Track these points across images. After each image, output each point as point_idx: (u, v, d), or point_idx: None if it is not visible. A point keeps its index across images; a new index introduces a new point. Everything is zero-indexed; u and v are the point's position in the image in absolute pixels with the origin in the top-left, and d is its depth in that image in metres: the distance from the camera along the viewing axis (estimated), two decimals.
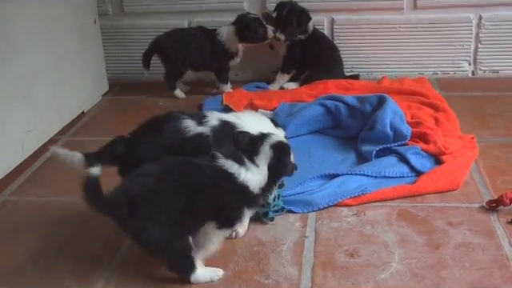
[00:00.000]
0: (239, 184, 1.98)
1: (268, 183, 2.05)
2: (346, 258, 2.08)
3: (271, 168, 2.04)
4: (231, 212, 2.00)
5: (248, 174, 2.00)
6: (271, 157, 2.04)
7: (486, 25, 3.78)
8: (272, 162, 2.04)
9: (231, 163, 2.00)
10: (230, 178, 1.98)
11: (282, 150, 2.09)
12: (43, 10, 3.13)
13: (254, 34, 3.67)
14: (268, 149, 2.05)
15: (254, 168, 2.02)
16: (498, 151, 2.81)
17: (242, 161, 2.01)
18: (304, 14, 3.71)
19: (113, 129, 3.34)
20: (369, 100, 3.00)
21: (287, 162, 2.11)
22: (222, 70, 3.80)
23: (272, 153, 2.05)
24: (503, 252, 2.06)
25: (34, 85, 3.03)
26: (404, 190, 2.47)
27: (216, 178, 1.97)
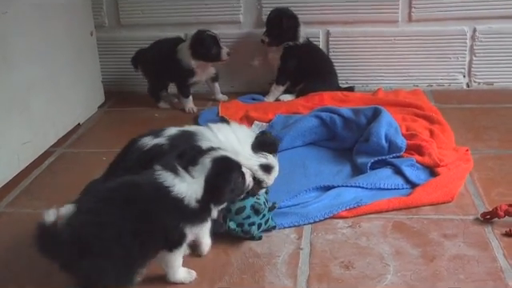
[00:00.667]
0: (173, 197, 1.91)
1: (206, 197, 1.95)
2: (342, 270, 2.08)
3: (208, 182, 1.95)
4: (171, 231, 1.93)
5: (182, 185, 1.93)
6: (209, 170, 1.95)
7: (480, 37, 3.81)
8: (209, 176, 1.95)
9: (167, 174, 1.94)
10: (166, 191, 1.91)
11: (224, 165, 2.00)
12: (39, 23, 3.14)
13: (207, 51, 3.60)
14: (208, 162, 1.97)
15: (189, 178, 1.95)
16: (492, 163, 2.81)
17: (176, 171, 1.95)
18: (290, 17, 3.69)
19: (108, 141, 3.35)
20: (364, 112, 3.01)
21: (229, 178, 2.00)
22: (182, 85, 3.76)
23: (211, 166, 1.96)
24: (498, 264, 2.07)
25: (29, 96, 3.04)
26: (399, 201, 2.48)
27: (154, 192, 1.91)
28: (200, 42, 3.61)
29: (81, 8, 3.68)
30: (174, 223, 1.93)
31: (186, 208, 1.93)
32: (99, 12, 4.05)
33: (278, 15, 3.70)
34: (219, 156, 2.00)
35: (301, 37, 3.73)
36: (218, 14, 3.89)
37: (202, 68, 3.70)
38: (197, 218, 1.98)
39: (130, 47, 3.94)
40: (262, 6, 3.93)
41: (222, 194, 2.00)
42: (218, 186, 1.97)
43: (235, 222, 2.24)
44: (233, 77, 4.08)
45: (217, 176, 1.96)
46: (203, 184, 1.95)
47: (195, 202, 1.94)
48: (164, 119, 3.68)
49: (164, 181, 1.93)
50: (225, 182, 1.99)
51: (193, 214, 1.95)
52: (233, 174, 2.02)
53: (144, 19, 4.07)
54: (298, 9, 3.82)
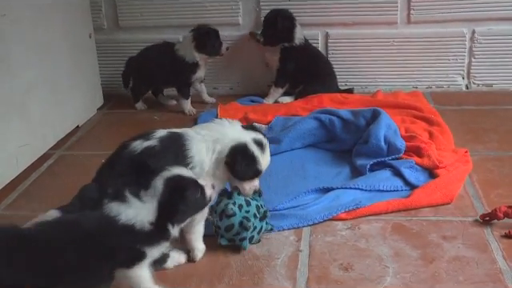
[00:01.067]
0: (123, 225, 1.87)
1: (161, 219, 1.91)
2: (341, 272, 2.08)
3: (162, 204, 1.90)
4: (126, 254, 1.89)
5: (130, 212, 1.89)
6: (161, 192, 1.90)
7: (479, 39, 3.81)
8: (162, 198, 1.90)
9: (113, 204, 1.90)
10: (113, 221, 1.88)
11: (177, 185, 1.93)
12: (38, 25, 3.14)
13: (210, 44, 3.67)
14: (159, 184, 1.91)
15: (138, 203, 1.90)
16: (491, 165, 2.82)
17: (123, 198, 1.91)
18: (285, 18, 3.69)
19: (107, 143, 3.33)
20: (363, 114, 3.01)
21: (183, 198, 1.93)
22: (184, 85, 3.78)
23: (162, 188, 1.91)
24: (497, 266, 2.07)
25: (28, 99, 3.04)
26: (398, 203, 2.48)
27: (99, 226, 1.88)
28: (205, 34, 3.66)
29: (79, 10, 3.68)
30: (130, 247, 1.89)
31: (140, 232, 1.89)
32: (98, 14, 4.06)
33: (273, 15, 3.71)
34: (171, 176, 1.95)
35: (298, 38, 3.72)
36: (216, 16, 3.89)
37: (203, 61, 3.74)
38: (154, 239, 1.92)
39: (128, 49, 3.94)
40: (260, 8, 3.93)
41: (177, 214, 1.94)
42: (172, 207, 1.92)
43: (226, 238, 2.23)
44: (231, 79, 4.08)
45: (170, 197, 1.91)
46: (156, 207, 1.90)
47: (149, 224, 1.89)
48: (163, 121, 3.68)
49: (109, 212, 1.89)
50: (179, 202, 1.93)
51: (149, 236, 1.90)
52: (187, 192, 1.94)
53: (143, 21, 4.07)
54: (297, 11, 3.82)
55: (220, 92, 4.02)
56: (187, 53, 3.68)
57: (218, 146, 2.20)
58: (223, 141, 2.20)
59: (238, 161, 2.19)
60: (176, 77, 3.76)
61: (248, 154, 2.21)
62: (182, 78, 3.76)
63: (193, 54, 3.68)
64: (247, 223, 2.19)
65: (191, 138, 2.21)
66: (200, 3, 3.98)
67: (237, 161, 2.18)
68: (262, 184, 2.47)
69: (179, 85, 3.79)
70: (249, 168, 2.22)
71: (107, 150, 2.34)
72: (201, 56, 3.70)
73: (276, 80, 3.82)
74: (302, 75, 3.77)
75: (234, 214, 2.20)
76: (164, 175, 1.94)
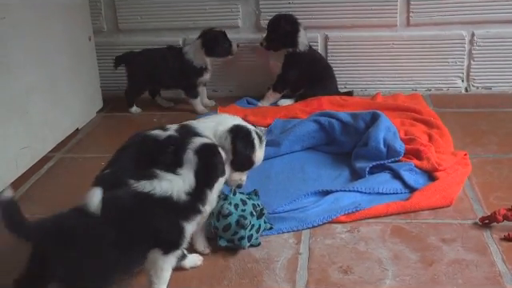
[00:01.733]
0: (159, 198, 1.92)
1: (198, 187, 1.98)
2: (340, 275, 2.08)
3: (199, 173, 1.99)
4: (168, 233, 1.94)
5: (164, 184, 1.95)
6: (196, 163, 2.00)
7: (478, 42, 3.81)
8: (198, 168, 1.99)
9: (144, 183, 1.95)
10: (148, 197, 1.92)
11: (207, 152, 2.03)
12: (38, 28, 3.14)
13: (221, 47, 3.68)
14: (192, 155, 2.00)
15: (171, 176, 1.97)
16: (491, 167, 2.82)
17: (154, 175, 1.97)
18: (288, 23, 3.68)
19: (107, 145, 3.32)
20: (362, 116, 3.01)
21: (215, 163, 2.04)
22: (190, 86, 3.79)
23: (197, 158, 2.00)
24: (496, 269, 2.07)
25: (28, 102, 3.04)
26: (397, 206, 2.48)
27: (137, 202, 1.92)
28: (213, 39, 3.68)
29: (79, 13, 3.68)
30: (170, 222, 1.94)
31: (177, 203, 1.94)
32: (98, 17, 4.06)
33: (277, 19, 3.71)
34: (198, 146, 2.03)
35: (301, 43, 3.70)
36: (216, 18, 3.89)
37: (211, 64, 3.76)
38: (191, 210, 1.98)
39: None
40: (260, 11, 3.93)
41: (214, 178, 2.04)
42: (208, 171, 2.01)
43: (225, 239, 2.24)
44: (231, 81, 4.09)
45: (204, 164, 2.00)
46: (192, 177, 1.97)
47: (185, 195, 1.96)
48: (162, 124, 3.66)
49: (143, 188, 1.94)
50: (214, 168, 2.03)
51: (186, 208, 1.96)
52: (216, 158, 2.04)
53: (142, 24, 4.08)
54: (296, 13, 3.82)
55: (220, 94, 4.02)
56: (196, 57, 3.70)
57: (220, 127, 2.29)
58: (226, 124, 2.31)
59: (241, 141, 2.26)
60: (182, 80, 3.76)
61: (249, 139, 2.30)
62: (188, 81, 3.77)
63: (203, 60, 3.70)
64: (244, 221, 2.19)
65: (198, 126, 2.30)
66: (199, 6, 3.98)
67: (238, 139, 2.26)
68: (261, 186, 2.49)
69: (185, 87, 3.80)
70: (246, 155, 2.28)
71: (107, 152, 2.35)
72: (211, 60, 3.73)
73: (275, 84, 3.81)
74: (302, 80, 3.77)
75: (231, 214, 2.21)
76: (192, 147, 2.01)
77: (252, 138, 2.30)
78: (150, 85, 3.89)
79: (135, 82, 3.87)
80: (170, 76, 3.76)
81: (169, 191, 1.94)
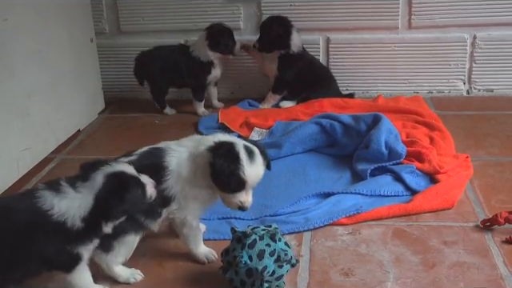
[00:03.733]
0: (54, 221, 1.79)
1: (95, 215, 1.83)
2: (341, 278, 2.08)
3: (98, 199, 1.83)
4: (59, 256, 1.83)
5: (63, 202, 1.81)
6: (100, 187, 1.83)
7: (480, 44, 3.81)
8: (100, 193, 1.83)
9: (47, 193, 1.82)
10: (44, 215, 1.79)
11: (119, 182, 1.86)
12: (40, 29, 3.14)
13: (223, 42, 3.67)
14: (99, 178, 1.84)
15: (72, 193, 1.83)
16: (492, 170, 2.82)
17: (58, 189, 1.83)
18: (281, 25, 3.68)
19: (108, 147, 3.35)
20: (364, 119, 3.01)
21: (123, 197, 1.85)
22: (199, 86, 3.79)
23: (103, 182, 1.84)
24: (498, 271, 2.06)
25: (30, 103, 3.04)
26: (399, 208, 2.48)
27: (30, 220, 1.79)
28: (218, 33, 3.68)
29: (81, 15, 3.68)
30: (58, 247, 1.83)
31: (71, 230, 1.82)
32: (100, 19, 4.06)
33: (269, 21, 3.71)
34: (113, 171, 1.87)
35: (294, 45, 3.69)
36: (218, 20, 3.88)
37: (218, 61, 3.74)
38: (85, 236, 1.86)
39: (130, 54, 3.94)
40: (262, 13, 3.93)
41: (113, 212, 1.87)
42: (110, 204, 1.84)
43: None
44: (233, 83, 4.09)
45: (109, 194, 1.84)
46: (91, 201, 1.83)
47: (80, 221, 1.83)
48: (164, 125, 3.69)
49: (43, 204, 1.81)
50: (118, 201, 1.85)
51: (80, 234, 1.84)
52: (128, 191, 1.86)
53: (144, 26, 4.08)
54: (298, 15, 3.83)
55: (221, 96, 4.01)
56: (201, 52, 3.70)
57: (201, 146, 2.07)
58: (207, 142, 2.08)
59: (217, 158, 2.00)
60: (192, 78, 3.76)
61: (231, 154, 2.02)
62: (197, 79, 3.77)
63: (207, 53, 3.69)
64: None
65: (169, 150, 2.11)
66: (201, 8, 3.99)
67: (216, 158, 2.00)
68: (262, 188, 2.47)
69: (194, 86, 3.80)
70: (229, 171, 2.00)
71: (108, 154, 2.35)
72: (215, 55, 3.71)
73: (273, 87, 3.81)
74: (301, 83, 3.77)
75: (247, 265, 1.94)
76: (106, 170, 1.87)
77: (235, 152, 2.02)
78: (166, 82, 3.85)
79: (154, 83, 3.85)
80: (180, 73, 3.76)
81: (65, 215, 1.80)
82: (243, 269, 1.92)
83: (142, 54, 3.82)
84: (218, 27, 3.70)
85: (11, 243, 1.80)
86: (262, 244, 1.94)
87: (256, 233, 1.95)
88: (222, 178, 2.02)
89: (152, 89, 3.88)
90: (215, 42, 3.67)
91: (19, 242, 1.80)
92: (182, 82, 3.81)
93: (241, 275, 1.93)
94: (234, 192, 2.06)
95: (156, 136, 3.43)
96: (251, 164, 2.04)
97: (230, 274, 1.96)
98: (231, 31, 3.71)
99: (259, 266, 1.91)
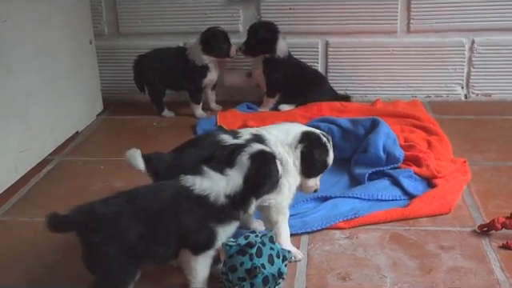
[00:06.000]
0: (196, 195, 1.91)
1: (243, 193, 1.95)
2: (339, 282, 2.08)
3: (248, 177, 1.96)
4: (197, 233, 1.91)
5: (205, 182, 1.93)
6: (248, 167, 1.97)
7: (478, 49, 3.82)
8: (249, 172, 1.96)
9: (189, 177, 1.95)
10: (187, 191, 1.92)
11: (263, 159, 2.00)
12: (39, 31, 3.14)
13: (217, 46, 3.67)
14: (245, 159, 1.98)
15: (217, 175, 1.95)
16: (490, 175, 2.82)
17: (200, 171, 1.96)
18: (267, 30, 3.69)
19: (106, 149, 3.35)
20: (362, 123, 3.02)
21: (268, 171, 2.00)
22: (196, 89, 3.80)
23: (249, 163, 1.97)
24: (495, 277, 2.07)
25: (28, 105, 3.04)
26: (396, 213, 2.48)
27: (174, 196, 1.91)
28: (211, 37, 3.68)
29: (80, 16, 3.69)
30: (200, 222, 1.91)
31: (213, 204, 1.92)
32: (99, 20, 4.07)
33: (257, 26, 3.73)
34: (255, 151, 2.01)
35: (280, 51, 3.71)
36: (217, 23, 3.88)
37: (214, 64, 3.75)
38: (227, 214, 1.95)
39: (129, 56, 3.95)
40: (261, 16, 3.94)
41: (264, 186, 2.00)
42: (259, 180, 1.97)
43: None
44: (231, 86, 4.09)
45: (256, 171, 1.97)
46: (242, 180, 1.95)
47: (224, 197, 1.93)
48: (162, 128, 3.69)
49: (185, 182, 1.94)
50: (265, 175, 1.99)
51: (220, 211, 1.93)
52: (271, 165, 2.01)
53: (143, 28, 4.08)
54: (297, 19, 3.85)
55: (220, 99, 4.01)
56: (196, 56, 3.71)
57: (290, 136, 2.24)
58: (294, 131, 2.26)
59: (314, 147, 2.23)
60: (188, 81, 3.77)
61: (321, 143, 2.27)
62: (193, 83, 3.77)
63: (201, 57, 3.70)
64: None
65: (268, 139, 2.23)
66: (200, 10, 3.99)
67: (313, 147, 2.23)
68: None
69: (191, 89, 3.81)
70: (323, 159, 2.26)
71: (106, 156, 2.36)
72: (209, 58, 3.71)
73: (267, 91, 3.82)
74: (293, 86, 3.77)
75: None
76: (248, 151, 2.00)
77: (324, 142, 2.27)
78: (165, 85, 3.86)
79: (152, 86, 3.86)
80: (176, 76, 3.76)
81: (207, 190, 1.92)
82: (260, 278, 1.91)
83: (139, 58, 3.83)
84: (211, 31, 3.70)
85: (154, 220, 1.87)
86: (267, 249, 1.94)
87: (256, 241, 1.95)
88: (315, 164, 2.26)
89: (150, 91, 3.88)
90: (209, 45, 3.67)
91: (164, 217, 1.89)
92: (179, 84, 3.82)
93: (257, 285, 1.91)
94: (316, 176, 2.31)
95: (154, 138, 3.46)
96: (332, 152, 2.31)
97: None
98: (226, 34, 3.71)
99: (273, 270, 1.93)
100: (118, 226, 1.83)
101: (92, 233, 1.82)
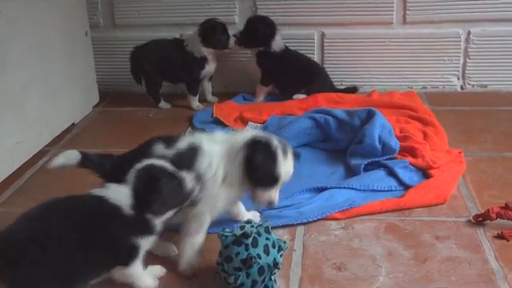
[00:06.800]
0: (112, 206, 1.87)
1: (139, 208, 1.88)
2: (334, 272, 2.09)
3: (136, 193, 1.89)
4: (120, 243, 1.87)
5: (113, 192, 1.90)
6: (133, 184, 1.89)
7: (474, 40, 3.82)
8: (136, 188, 1.89)
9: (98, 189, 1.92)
10: (104, 200, 1.88)
11: (149, 175, 1.90)
12: (34, 23, 3.13)
13: (217, 38, 3.67)
14: (132, 176, 1.91)
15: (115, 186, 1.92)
16: (485, 165, 2.83)
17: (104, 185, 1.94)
18: (266, 24, 3.69)
19: (103, 140, 3.36)
20: (358, 114, 3.02)
21: (156, 187, 1.89)
22: (193, 81, 3.80)
23: (135, 179, 1.90)
24: (489, 266, 2.08)
25: (24, 96, 3.04)
26: (392, 203, 2.49)
27: (93, 209, 1.87)
28: (210, 28, 3.67)
29: (76, 8, 3.67)
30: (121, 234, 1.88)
31: (127, 217, 1.87)
32: (94, 12, 4.06)
33: (255, 20, 3.73)
34: (142, 166, 1.92)
35: (276, 45, 3.71)
36: (213, 15, 3.87)
37: (212, 56, 3.74)
38: (140, 227, 1.90)
39: (125, 47, 3.94)
40: (257, 7, 3.93)
41: (153, 203, 1.90)
42: (147, 196, 1.89)
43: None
44: (227, 78, 4.09)
45: (143, 187, 1.89)
46: (131, 195, 1.89)
47: (130, 209, 1.88)
48: (158, 119, 3.69)
49: (99, 192, 1.91)
50: (152, 191, 1.90)
51: (135, 224, 1.88)
52: (159, 181, 1.90)
53: (139, 20, 4.07)
54: (293, 10, 3.85)
55: (216, 90, 4.01)
56: (195, 48, 3.70)
57: (237, 141, 2.11)
58: (242, 137, 2.12)
59: (257, 153, 2.05)
60: (186, 72, 3.76)
61: (270, 149, 2.08)
62: (191, 74, 3.77)
63: (200, 49, 3.70)
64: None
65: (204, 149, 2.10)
66: (197, 1, 3.98)
67: (256, 153, 2.05)
68: None
69: (188, 81, 3.80)
70: (267, 167, 2.06)
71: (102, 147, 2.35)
72: (208, 50, 3.71)
73: (261, 79, 3.82)
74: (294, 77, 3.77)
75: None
76: (136, 167, 1.93)
77: (272, 149, 2.08)
78: (162, 77, 3.86)
79: (149, 77, 3.86)
80: (173, 68, 3.76)
81: (119, 202, 1.88)
82: (255, 268, 1.91)
83: (135, 49, 3.83)
84: (210, 23, 3.70)
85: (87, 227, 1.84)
86: (263, 239, 1.95)
87: (252, 231, 1.95)
88: (258, 172, 2.07)
89: (146, 83, 3.87)
90: (208, 37, 3.67)
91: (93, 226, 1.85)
92: (176, 76, 3.82)
93: (253, 276, 1.92)
94: (267, 188, 2.12)
95: (150, 130, 3.46)
96: (285, 162, 2.11)
97: (242, 278, 1.92)
98: (225, 26, 3.70)
99: (269, 261, 1.93)
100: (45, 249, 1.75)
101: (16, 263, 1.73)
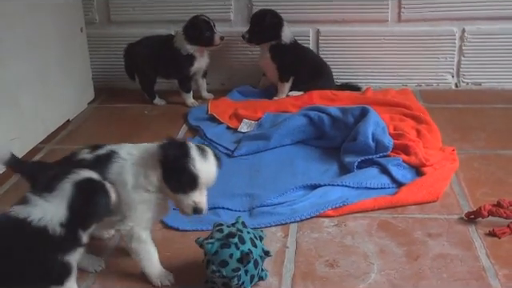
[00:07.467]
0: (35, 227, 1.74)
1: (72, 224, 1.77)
2: (326, 269, 2.10)
3: (72, 207, 1.77)
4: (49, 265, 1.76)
5: (37, 211, 1.75)
6: (71, 196, 1.77)
7: (468, 38, 3.83)
8: (72, 202, 1.77)
9: (20, 208, 1.77)
10: (25, 223, 1.74)
11: (88, 188, 1.81)
12: (29, 19, 3.13)
13: (200, 35, 3.64)
14: (68, 186, 1.79)
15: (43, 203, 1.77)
16: (478, 163, 2.84)
17: (27, 201, 1.78)
18: (273, 15, 3.68)
19: (98, 137, 3.35)
20: (352, 111, 3.03)
21: (96, 201, 1.82)
22: (183, 77, 3.79)
23: (73, 191, 1.78)
24: (480, 263, 2.09)
25: (19, 92, 3.04)
26: (385, 201, 2.50)
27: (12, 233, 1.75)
28: (193, 25, 3.66)
29: (71, 4, 3.67)
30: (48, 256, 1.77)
31: (54, 236, 1.75)
32: (90, 8, 4.05)
33: (262, 13, 3.70)
34: (81, 179, 1.82)
35: (286, 36, 3.68)
36: (208, 11, 3.88)
37: (200, 53, 3.72)
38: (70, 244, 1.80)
39: (120, 44, 3.94)
40: (252, 4, 3.94)
41: (88, 219, 1.83)
42: (83, 211, 1.80)
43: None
44: (223, 74, 4.09)
45: (81, 201, 1.79)
46: (65, 210, 1.76)
47: (59, 226, 1.76)
48: (153, 116, 3.69)
49: (18, 214, 1.76)
50: (90, 206, 1.81)
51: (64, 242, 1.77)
52: (98, 196, 1.83)
53: (134, 16, 4.08)
54: (288, 7, 3.84)
55: (211, 87, 4.01)
56: (181, 45, 3.69)
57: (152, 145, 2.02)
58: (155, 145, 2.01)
59: (169, 152, 1.93)
60: (175, 69, 3.77)
61: (182, 148, 1.95)
62: (180, 71, 3.76)
63: (185, 46, 3.69)
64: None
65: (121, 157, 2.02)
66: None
67: (168, 151, 1.93)
68: (250, 179, 2.50)
69: (179, 78, 3.81)
70: (181, 165, 1.93)
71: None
72: (194, 47, 3.70)
73: (280, 76, 3.76)
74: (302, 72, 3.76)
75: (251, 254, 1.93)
76: (73, 178, 1.81)
77: (185, 148, 1.96)
78: (154, 73, 3.86)
79: (142, 73, 3.86)
80: (164, 64, 3.76)
81: (42, 221, 1.75)
82: (251, 263, 1.92)
83: (129, 46, 3.83)
84: (193, 20, 3.67)
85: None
86: (246, 234, 1.96)
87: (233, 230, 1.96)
88: (173, 173, 1.94)
89: (141, 79, 3.88)
90: (192, 35, 3.65)
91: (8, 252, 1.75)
92: (168, 73, 3.82)
93: (250, 271, 1.93)
94: (187, 191, 1.96)
95: (145, 126, 3.47)
96: (203, 160, 1.96)
97: (242, 277, 1.92)
98: (209, 23, 3.66)
99: (259, 252, 1.95)
100: None
101: None
